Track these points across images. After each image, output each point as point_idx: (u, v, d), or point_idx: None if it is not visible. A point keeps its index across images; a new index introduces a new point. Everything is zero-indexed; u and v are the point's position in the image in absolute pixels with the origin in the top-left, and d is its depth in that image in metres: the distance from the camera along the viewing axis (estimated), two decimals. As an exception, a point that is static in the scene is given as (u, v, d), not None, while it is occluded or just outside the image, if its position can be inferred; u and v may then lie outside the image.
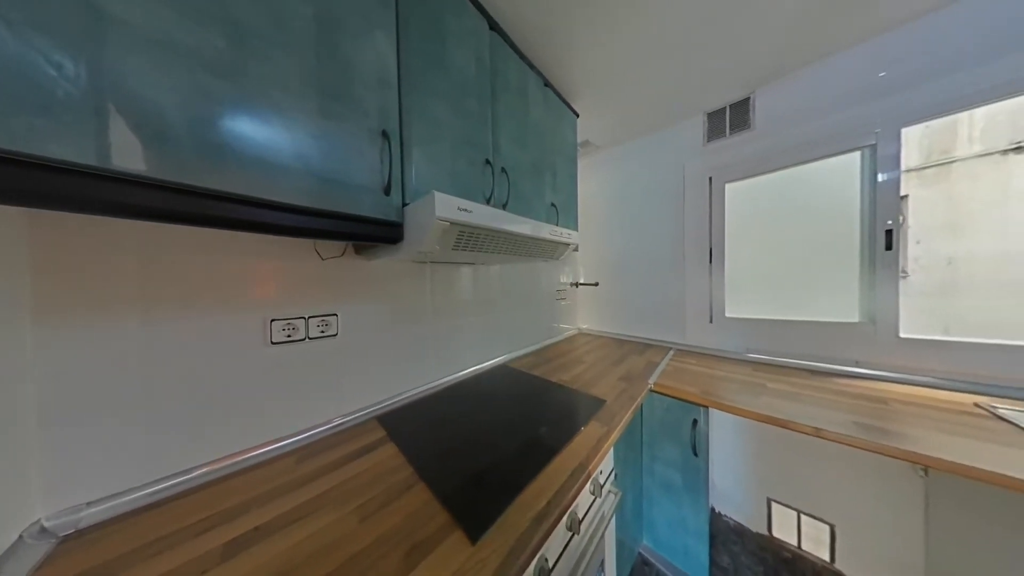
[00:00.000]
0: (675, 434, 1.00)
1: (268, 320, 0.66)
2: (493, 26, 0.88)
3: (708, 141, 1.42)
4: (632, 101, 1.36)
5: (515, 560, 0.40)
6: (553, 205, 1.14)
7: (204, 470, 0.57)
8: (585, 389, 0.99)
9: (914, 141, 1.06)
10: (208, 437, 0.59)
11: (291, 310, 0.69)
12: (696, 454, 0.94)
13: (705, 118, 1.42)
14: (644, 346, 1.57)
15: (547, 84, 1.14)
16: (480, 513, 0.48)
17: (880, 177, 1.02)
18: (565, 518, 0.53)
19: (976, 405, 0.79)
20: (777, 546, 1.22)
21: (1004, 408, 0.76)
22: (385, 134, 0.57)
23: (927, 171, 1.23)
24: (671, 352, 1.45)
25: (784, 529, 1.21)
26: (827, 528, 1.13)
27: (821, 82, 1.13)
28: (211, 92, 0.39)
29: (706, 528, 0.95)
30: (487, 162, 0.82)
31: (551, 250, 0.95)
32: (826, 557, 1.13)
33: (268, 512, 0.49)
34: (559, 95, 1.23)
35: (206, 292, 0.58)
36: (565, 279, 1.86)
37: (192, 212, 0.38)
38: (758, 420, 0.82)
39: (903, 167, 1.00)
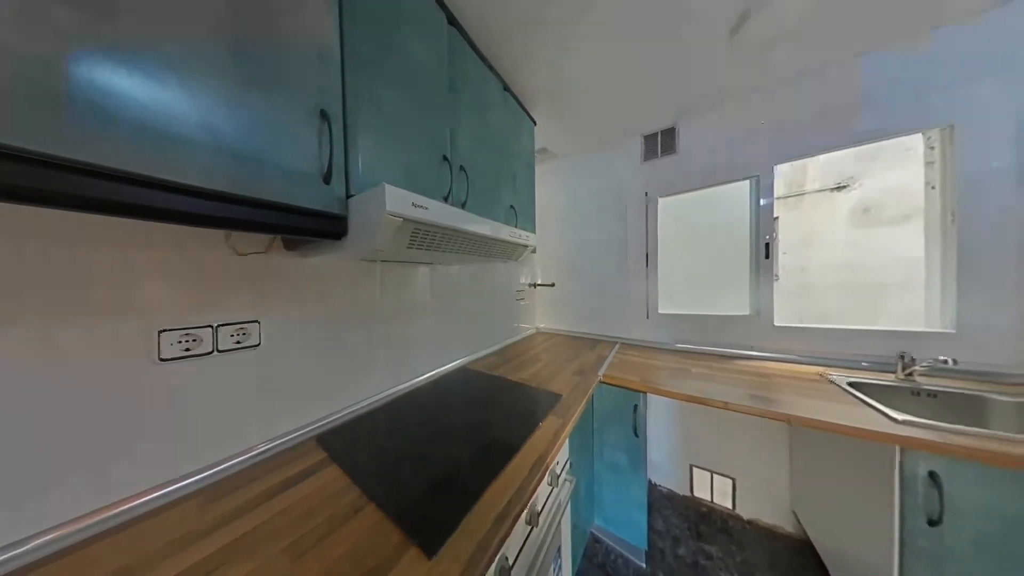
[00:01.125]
0: (620, 419, 1.11)
1: (156, 331, 0.52)
2: (452, 20, 0.85)
3: (645, 160, 1.62)
4: (584, 118, 1.47)
5: (475, 566, 0.40)
6: (512, 207, 1.16)
7: (48, 538, 0.42)
8: (543, 385, 1.03)
9: (782, 176, 1.40)
10: (59, 492, 0.43)
11: (193, 318, 0.56)
12: (637, 435, 1.07)
13: (642, 140, 1.63)
14: (595, 342, 1.71)
15: (507, 88, 1.15)
16: (438, 525, 0.46)
17: (762, 202, 1.32)
18: (525, 513, 0.54)
19: (819, 375, 1.08)
20: (697, 503, 1.46)
21: (835, 375, 1.05)
22: (325, 115, 0.50)
23: (789, 199, 1.64)
24: (617, 346, 1.61)
25: (701, 488, 1.47)
26: (730, 481, 1.40)
27: (724, 122, 1.40)
28: (64, 30, 0.29)
29: (645, 499, 1.08)
30: (445, 159, 0.79)
31: (510, 251, 0.97)
32: (730, 506, 1.40)
33: (155, 579, 0.39)
34: (518, 101, 1.25)
35: (61, 296, 0.43)
36: (524, 280, 1.91)
37: (37, 188, 0.28)
38: (683, 400, 0.97)
39: (775, 195, 1.31)
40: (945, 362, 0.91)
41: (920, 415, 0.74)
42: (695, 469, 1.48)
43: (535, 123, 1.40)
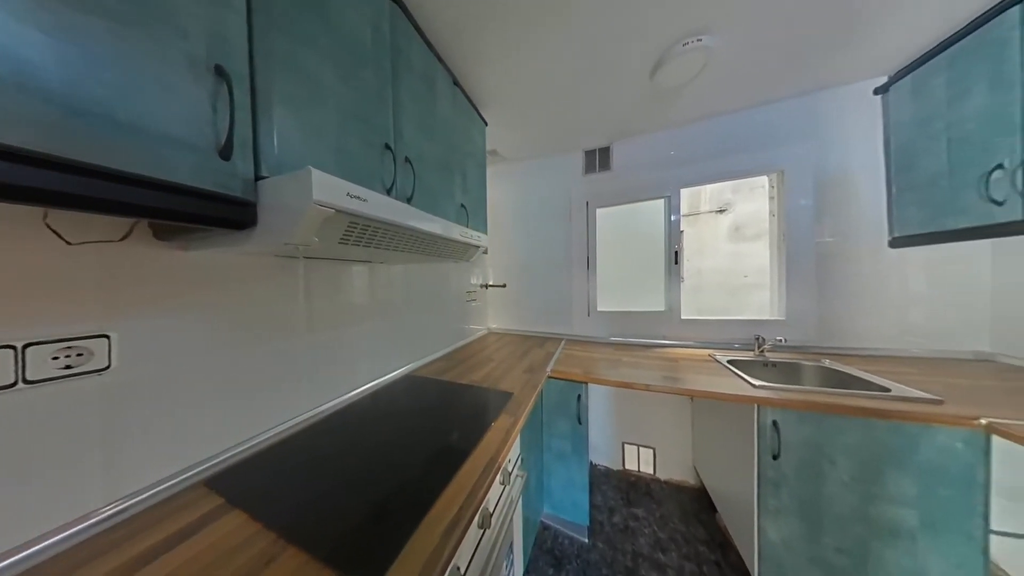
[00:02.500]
0: (566, 410, 1.20)
1: None
2: (394, -4, 0.78)
3: (586, 173, 1.80)
4: (532, 127, 1.55)
5: (424, 586, 0.37)
6: (463, 206, 1.14)
7: None
8: (495, 385, 1.04)
9: (686, 198, 1.74)
10: None
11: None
12: (580, 422, 1.17)
13: (583, 154, 1.80)
14: (544, 339, 1.81)
15: (456, 83, 1.12)
16: (379, 553, 0.41)
17: (672, 218, 1.61)
18: (477, 517, 0.53)
19: (709, 356, 1.37)
20: (627, 475, 1.69)
21: (718, 355, 1.35)
22: (222, 73, 0.40)
23: (690, 217, 2.05)
24: (563, 342, 1.73)
25: (631, 461, 1.70)
26: (652, 451, 1.67)
27: (645, 148, 1.66)
28: None
29: (587, 480, 1.19)
30: (388, 148, 0.72)
31: (462, 252, 0.94)
32: (651, 471, 1.67)
33: None
34: (469, 99, 1.23)
35: None
36: (475, 281, 1.89)
37: None
38: (616, 386, 1.11)
39: (681, 213, 1.61)
40: (780, 341, 1.29)
41: (768, 380, 1.01)
42: (626, 445, 1.71)
43: (486, 123, 1.40)
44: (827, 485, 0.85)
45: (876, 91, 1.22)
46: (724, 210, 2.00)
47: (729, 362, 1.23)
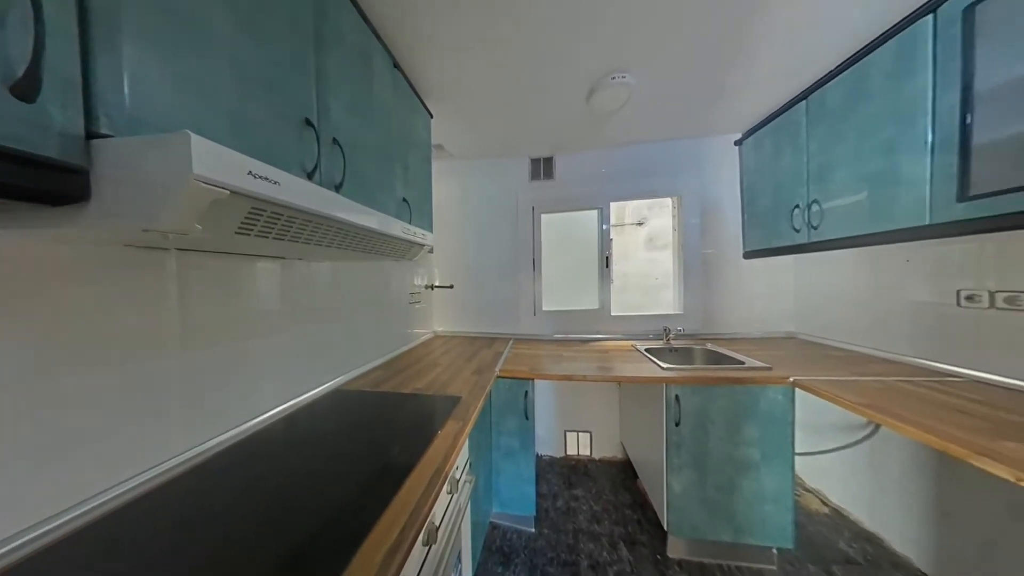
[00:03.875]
0: (514, 407, 1.24)
1: None
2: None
3: (532, 179, 1.90)
4: (479, 129, 1.55)
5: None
6: (405, 201, 1.06)
7: None
8: (442, 391, 1.00)
9: (615, 210, 2.01)
10: None
11: None
12: (527, 418, 1.22)
13: (529, 161, 1.90)
14: (492, 339, 1.82)
15: (397, 66, 1.04)
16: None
17: (604, 227, 1.84)
18: (422, 535, 0.50)
19: (632, 346, 1.62)
20: (569, 460, 1.84)
21: (638, 345, 1.61)
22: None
23: (617, 227, 2.38)
24: (511, 342, 1.78)
25: (572, 447, 1.86)
26: (589, 435, 1.86)
27: (583, 163, 1.86)
28: None
29: (534, 472, 1.25)
30: (309, 124, 0.62)
31: (404, 250, 0.88)
32: (589, 453, 1.87)
33: None
34: (413, 88, 1.16)
35: None
36: (420, 281, 1.77)
37: None
38: (559, 380, 1.21)
39: (611, 223, 1.86)
40: (680, 330, 1.62)
41: (672, 363, 1.26)
42: (567, 433, 1.86)
43: (432, 116, 1.34)
44: (709, 440, 1.11)
45: (736, 143, 1.66)
46: (642, 223, 2.39)
47: (646, 350, 1.48)
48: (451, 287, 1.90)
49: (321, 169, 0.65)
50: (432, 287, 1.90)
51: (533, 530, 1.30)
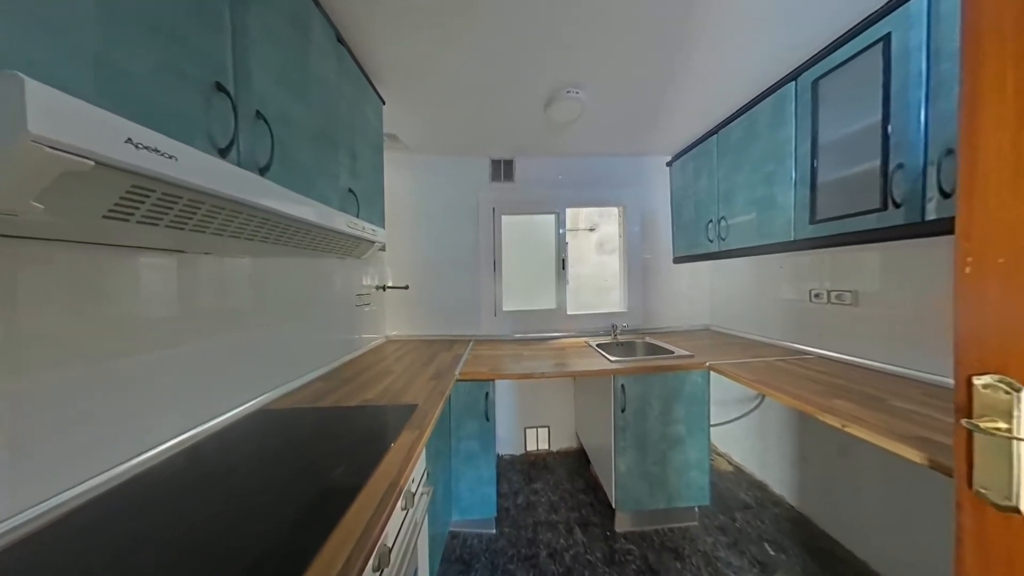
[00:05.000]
0: (474, 410, 1.22)
1: None
2: None
3: (492, 180, 1.91)
4: (439, 123, 1.49)
5: None
6: (352, 192, 0.96)
7: None
8: (396, 400, 0.93)
9: (570, 216, 2.15)
10: None
11: None
12: (488, 419, 1.22)
13: (490, 162, 1.90)
14: (451, 342, 1.77)
15: (341, 41, 0.93)
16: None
17: (561, 231, 1.95)
18: (372, 560, 0.46)
19: (585, 343, 1.75)
20: (529, 456, 1.89)
21: (591, 341, 1.75)
22: None
23: (571, 231, 2.55)
24: (472, 343, 1.75)
25: (532, 443, 1.92)
26: (547, 429, 1.95)
27: (541, 168, 1.94)
28: None
29: (494, 473, 1.25)
30: (221, 89, 0.51)
31: (350, 246, 0.79)
32: (548, 447, 1.95)
33: None
34: (360, 67, 1.05)
35: None
36: (370, 282, 1.62)
37: None
38: (519, 379, 1.24)
39: (567, 227, 1.98)
40: (625, 326, 1.81)
41: (619, 356, 1.40)
42: (527, 430, 1.92)
43: (384, 102, 1.24)
44: (648, 422, 1.26)
45: (667, 163, 1.93)
46: (593, 229, 2.60)
47: (598, 346, 1.61)
48: (406, 288, 1.78)
49: (240, 146, 0.54)
50: (385, 288, 1.75)
51: (494, 531, 1.30)
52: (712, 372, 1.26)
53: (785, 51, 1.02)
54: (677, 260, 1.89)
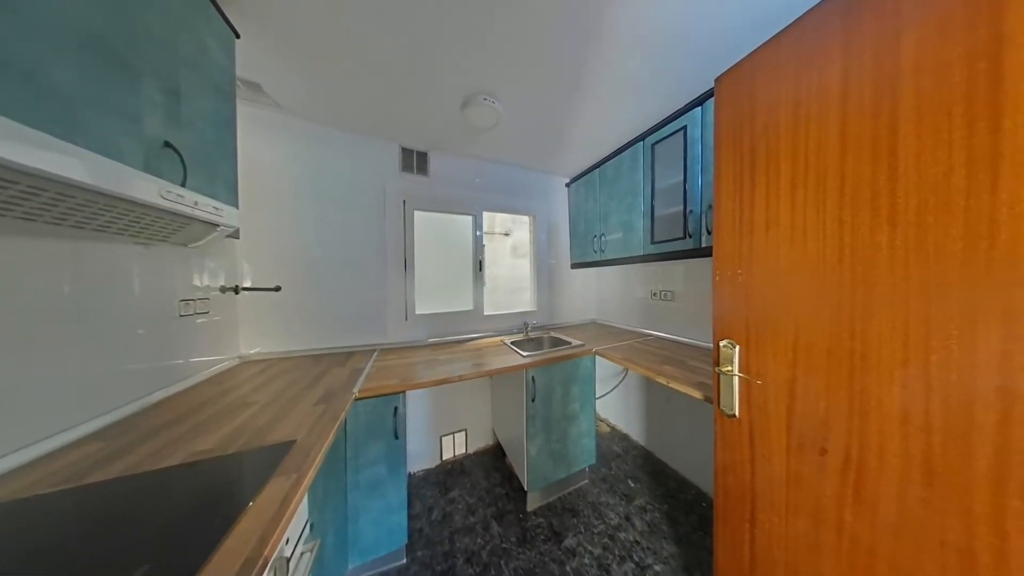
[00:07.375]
0: (380, 429, 1.06)
1: None
2: None
3: (403, 170, 1.72)
4: (328, 85, 1.20)
5: None
6: (171, 147, 0.64)
7: None
8: (258, 441, 0.69)
9: (487, 219, 2.21)
10: None
11: None
12: (397, 437, 1.08)
13: (401, 150, 1.71)
14: (348, 355, 1.47)
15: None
16: None
17: (478, 233, 1.98)
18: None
19: (501, 341, 1.84)
20: (444, 465, 1.81)
21: (506, 339, 1.85)
22: None
23: (488, 234, 2.64)
24: (376, 353, 1.52)
25: (448, 451, 1.85)
26: (464, 432, 1.92)
27: (458, 168, 1.90)
28: None
29: (405, 496, 1.12)
30: None
31: (170, 229, 0.53)
32: (464, 451, 1.92)
33: None
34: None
35: None
36: (208, 281, 1.14)
37: None
38: (434, 385, 1.17)
39: (484, 230, 2.03)
40: (535, 323, 2.02)
41: (529, 351, 1.55)
42: (443, 438, 1.83)
43: (237, 35, 0.91)
44: (552, 405, 1.45)
45: (567, 184, 2.29)
46: (508, 234, 2.77)
47: (512, 343, 1.72)
48: (277, 290, 1.36)
49: None
50: (237, 290, 1.28)
51: (404, 561, 1.17)
52: (598, 356, 1.58)
53: (641, 116, 1.42)
54: (574, 266, 2.27)
